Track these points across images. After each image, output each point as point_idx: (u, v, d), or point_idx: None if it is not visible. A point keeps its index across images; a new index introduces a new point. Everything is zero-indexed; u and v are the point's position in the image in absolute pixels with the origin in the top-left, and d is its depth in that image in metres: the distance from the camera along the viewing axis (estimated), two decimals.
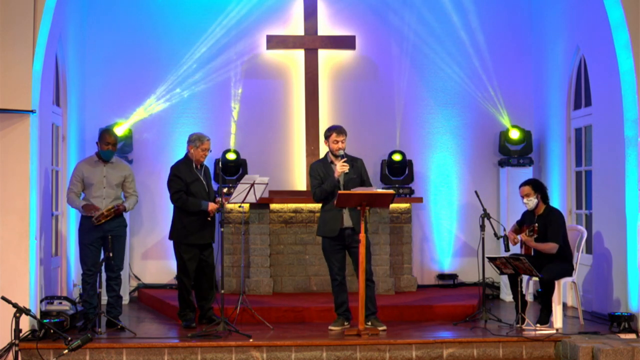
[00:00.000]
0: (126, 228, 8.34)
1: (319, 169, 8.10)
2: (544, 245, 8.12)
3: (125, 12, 10.47)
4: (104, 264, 7.95)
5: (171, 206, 8.45)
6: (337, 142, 8.01)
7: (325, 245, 8.11)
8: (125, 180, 8.28)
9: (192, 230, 8.18)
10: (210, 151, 8.33)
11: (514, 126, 10.43)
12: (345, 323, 8.10)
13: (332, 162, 8.10)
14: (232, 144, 10.47)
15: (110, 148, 8.15)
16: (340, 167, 7.91)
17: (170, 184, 8.26)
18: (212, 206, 8.10)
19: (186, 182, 8.18)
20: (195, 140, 8.25)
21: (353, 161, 8.11)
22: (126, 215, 9.75)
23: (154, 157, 10.49)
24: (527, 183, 8.38)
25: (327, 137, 8.10)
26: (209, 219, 8.15)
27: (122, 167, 8.33)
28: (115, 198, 8.21)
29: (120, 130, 9.96)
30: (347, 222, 7.97)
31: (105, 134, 8.21)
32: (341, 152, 8.00)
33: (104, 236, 8.04)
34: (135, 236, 10.38)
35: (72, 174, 8.24)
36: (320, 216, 8.20)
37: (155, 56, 10.49)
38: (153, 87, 10.50)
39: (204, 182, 8.29)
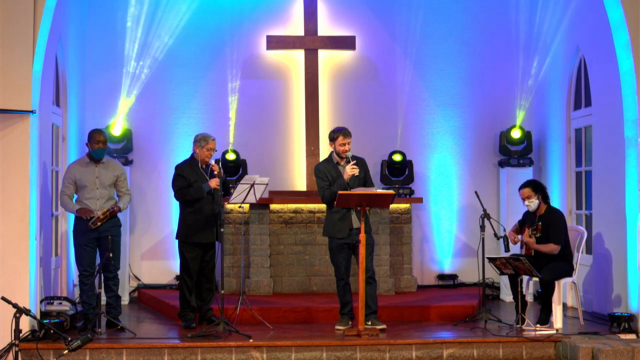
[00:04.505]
0: (120, 228, 8.30)
1: (327, 170, 8.08)
2: (546, 247, 8.11)
3: (125, 12, 10.45)
4: (103, 264, 7.93)
5: (171, 206, 8.46)
6: (344, 144, 7.99)
7: (333, 245, 8.10)
8: (117, 179, 8.25)
9: (196, 229, 8.20)
10: (216, 151, 8.34)
11: (514, 126, 10.41)
12: (350, 322, 8.12)
13: (337, 163, 8.09)
14: (231, 144, 10.47)
15: (101, 146, 8.11)
16: (351, 170, 7.88)
17: (174, 182, 8.29)
18: (213, 182, 8.09)
19: (189, 181, 8.20)
20: (200, 140, 8.27)
21: (357, 160, 8.09)
22: (126, 216, 9.76)
23: (154, 157, 10.48)
24: (526, 185, 8.34)
25: (333, 139, 8.05)
26: (221, 194, 8.09)
27: (113, 166, 8.31)
28: (109, 198, 8.19)
29: (117, 128, 9.93)
30: (356, 223, 7.94)
31: (95, 133, 8.17)
32: (349, 155, 7.98)
33: (99, 237, 8.04)
34: (134, 236, 10.38)
35: (64, 176, 8.21)
36: (327, 217, 8.18)
37: (155, 56, 10.48)
38: (153, 87, 10.49)
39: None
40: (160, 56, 10.49)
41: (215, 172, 8.11)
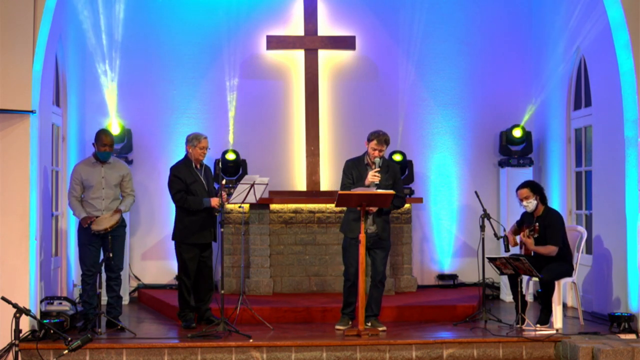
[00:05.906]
0: (125, 228, 8.32)
1: (352, 169, 8.04)
2: (544, 249, 8.11)
3: (125, 12, 10.44)
4: (104, 264, 7.94)
5: (171, 206, 8.46)
6: (376, 150, 7.91)
7: (347, 244, 8.08)
8: (122, 179, 8.26)
9: (193, 230, 8.20)
10: (209, 149, 8.33)
11: (516, 125, 10.39)
12: (350, 322, 8.12)
13: (367, 165, 8.05)
14: (231, 144, 10.47)
15: (107, 149, 8.12)
16: (372, 177, 7.83)
17: (171, 184, 8.27)
18: (214, 201, 8.10)
19: (186, 182, 8.19)
20: (193, 139, 8.26)
21: (389, 166, 8.05)
22: (126, 216, 9.75)
23: (154, 157, 10.48)
24: (525, 185, 8.33)
25: (369, 140, 7.97)
26: (216, 214, 8.12)
27: (119, 167, 8.32)
28: (115, 198, 8.20)
29: (115, 128, 9.92)
30: (371, 227, 7.92)
31: (102, 135, 8.16)
32: (377, 160, 7.93)
33: (103, 236, 8.04)
34: (135, 236, 10.38)
35: (71, 177, 8.21)
36: (345, 215, 8.15)
37: (155, 56, 10.48)
38: (153, 87, 10.49)
39: (204, 182, 8.29)
40: (161, 56, 10.50)
41: (224, 200, 8.10)
